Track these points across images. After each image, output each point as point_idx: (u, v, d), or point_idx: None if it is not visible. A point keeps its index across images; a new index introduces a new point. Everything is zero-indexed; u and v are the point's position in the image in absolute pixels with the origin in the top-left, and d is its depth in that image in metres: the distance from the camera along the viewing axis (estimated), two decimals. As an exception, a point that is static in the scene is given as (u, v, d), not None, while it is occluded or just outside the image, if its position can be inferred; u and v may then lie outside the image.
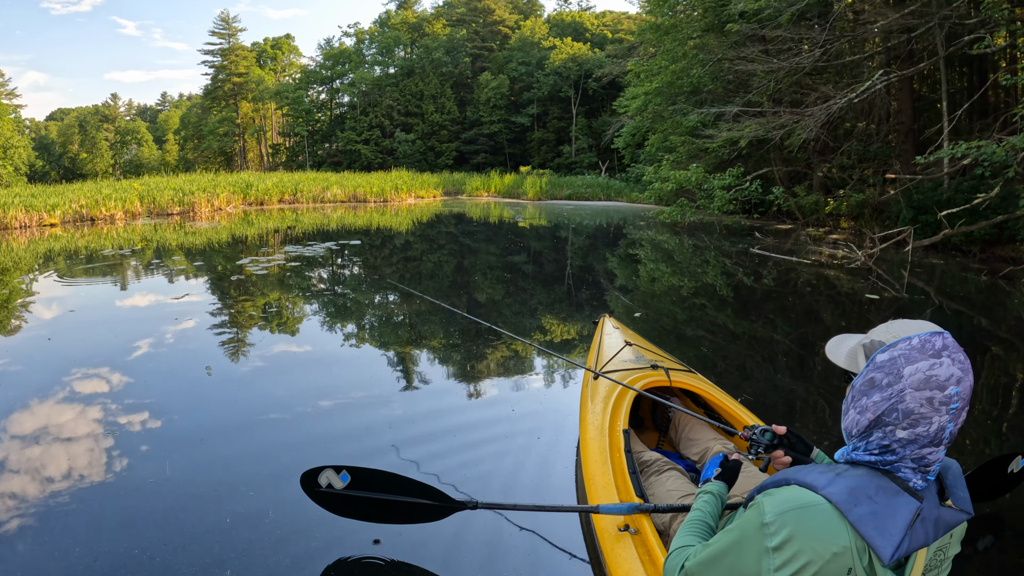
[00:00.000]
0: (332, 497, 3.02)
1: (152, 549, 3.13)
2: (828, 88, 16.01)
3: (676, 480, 2.95)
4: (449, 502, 2.99)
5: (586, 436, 3.38)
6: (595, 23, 63.07)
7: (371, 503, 3.00)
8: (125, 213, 23.50)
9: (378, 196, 32.52)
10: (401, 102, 57.54)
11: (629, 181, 36.52)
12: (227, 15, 66.21)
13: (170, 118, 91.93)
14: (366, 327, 8.03)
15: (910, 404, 1.40)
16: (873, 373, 1.47)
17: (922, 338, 1.42)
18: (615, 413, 3.40)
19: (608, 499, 2.82)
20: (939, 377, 1.38)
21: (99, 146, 78.77)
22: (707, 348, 6.91)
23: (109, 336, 7.15)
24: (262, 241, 16.60)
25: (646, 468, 3.14)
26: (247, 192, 28.98)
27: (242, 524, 3.36)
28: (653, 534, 2.51)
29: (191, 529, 3.31)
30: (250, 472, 3.94)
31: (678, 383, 3.72)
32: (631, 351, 4.22)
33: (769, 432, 2.12)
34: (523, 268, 12.93)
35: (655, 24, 22.84)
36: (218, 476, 3.89)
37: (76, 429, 4.57)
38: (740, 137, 16.85)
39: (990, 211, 12.73)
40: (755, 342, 7.26)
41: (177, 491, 3.71)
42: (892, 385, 1.42)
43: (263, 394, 5.35)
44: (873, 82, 13.72)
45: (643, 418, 4.17)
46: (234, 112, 64.45)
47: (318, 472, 2.99)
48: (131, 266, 12.39)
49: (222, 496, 3.65)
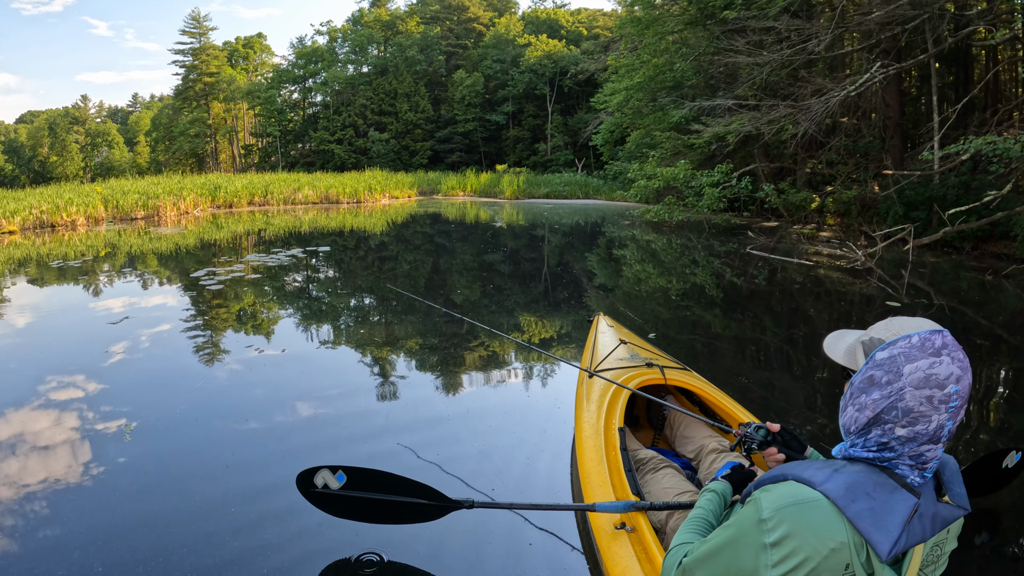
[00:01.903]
0: (328, 498, 2.96)
1: (145, 557, 3.04)
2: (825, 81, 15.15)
3: (672, 478, 2.92)
4: (445, 501, 2.93)
5: (582, 435, 3.36)
6: (570, 20, 62.28)
7: (367, 503, 2.94)
8: (87, 219, 22.22)
9: (351, 197, 31.32)
10: (375, 101, 56.02)
11: (607, 179, 35.55)
12: (198, 14, 64.41)
13: (141, 119, 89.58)
14: (356, 330, 7.78)
15: (909, 402, 1.38)
16: (873, 371, 1.45)
17: (922, 336, 1.40)
18: (610, 411, 3.37)
19: (604, 497, 2.78)
20: (939, 376, 1.37)
21: (69, 149, 76.63)
22: (706, 349, 6.64)
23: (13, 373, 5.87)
24: (225, 248, 15.22)
25: (642, 466, 3.10)
26: (215, 194, 27.62)
27: (238, 527, 3.30)
28: (649, 532, 2.49)
29: (183, 535, 3.22)
30: (246, 475, 3.88)
31: (673, 381, 3.68)
32: (626, 349, 4.18)
33: (763, 429, 2.06)
34: (514, 270, 12.11)
35: (636, 17, 21.81)
36: (210, 481, 3.83)
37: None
38: (729, 132, 15.85)
39: (994, 208, 12.17)
40: (753, 343, 7.09)
41: (170, 495, 3.65)
42: (892, 383, 1.40)
43: (255, 397, 5.29)
44: (872, 74, 12.85)
45: (638, 416, 4.09)
46: (205, 113, 62.60)
47: (314, 472, 2.93)
48: (75, 278, 10.94)
49: (216, 500, 3.58)
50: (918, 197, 14.73)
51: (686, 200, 18.74)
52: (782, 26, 14.89)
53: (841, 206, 17.56)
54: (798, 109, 14.02)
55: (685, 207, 18.77)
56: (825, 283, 10.51)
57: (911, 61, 13.90)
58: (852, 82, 13.29)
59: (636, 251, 14.98)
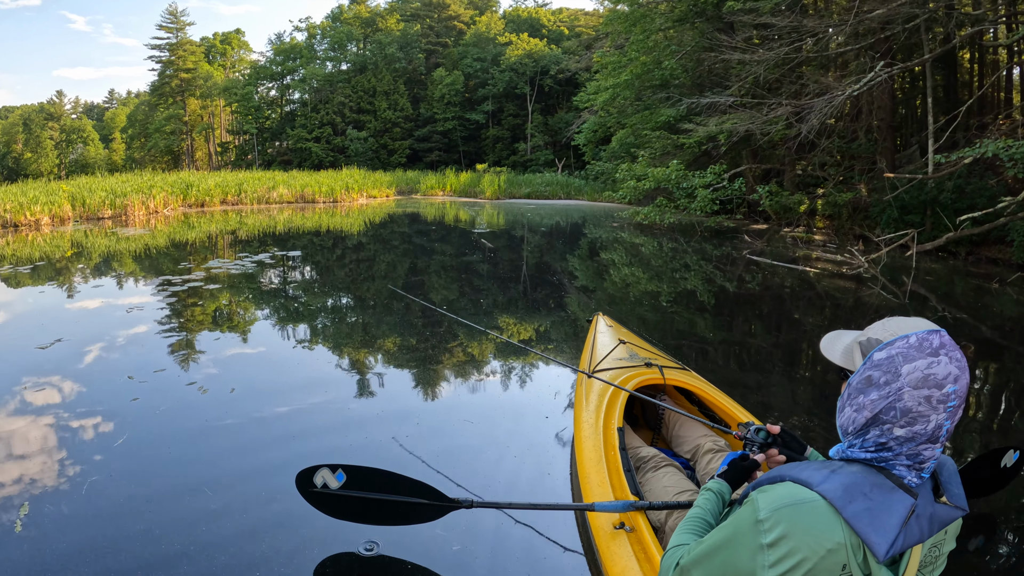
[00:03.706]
0: (327, 497, 2.89)
1: (138, 561, 2.93)
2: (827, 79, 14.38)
3: (672, 477, 2.87)
4: (445, 501, 2.87)
5: (581, 434, 3.30)
6: (551, 19, 61.16)
7: (367, 503, 2.86)
8: (52, 218, 20.84)
9: (327, 196, 30.01)
10: (353, 99, 54.50)
11: (589, 179, 34.68)
12: (175, 8, 62.42)
13: (117, 116, 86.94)
14: (359, 332, 7.60)
15: (908, 403, 1.34)
16: (870, 371, 1.40)
17: (919, 336, 1.36)
18: (609, 411, 3.32)
19: (603, 497, 2.72)
20: (937, 376, 1.32)
21: (44, 145, 74.16)
22: (710, 353, 6.48)
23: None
24: (192, 251, 13.97)
25: (642, 465, 3.05)
26: (187, 193, 26.15)
27: (237, 530, 3.22)
28: (648, 531, 2.44)
29: (179, 539, 3.10)
30: (245, 478, 3.78)
31: (672, 381, 3.65)
32: (625, 349, 4.12)
33: (763, 431, 1.98)
34: (508, 273, 11.32)
35: (623, 14, 20.93)
36: (209, 482, 3.68)
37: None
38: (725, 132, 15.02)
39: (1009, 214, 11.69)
40: (755, 348, 6.90)
41: (168, 497, 3.54)
42: (890, 383, 1.36)
43: (257, 398, 5.21)
44: (876, 73, 12.10)
45: (637, 416, 4.02)
46: (181, 109, 60.59)
47: (313, 472, 2.87)
48: (15, 286, 9.71)
49: (212, 503, 3.47)
50: (913, 200, 14.29)
51: (678, 202, 17.86)
52: (779, 22, 14.09)
53: (832, 209, 17.00)
54: (802, 107, 13.21)
55: (677, 209, 17.90)
56: (826, 289, 10.14)
57: (916, 60, 13.20)
58: (856, 80, 12.51)
59: (625, 255, 14.17)
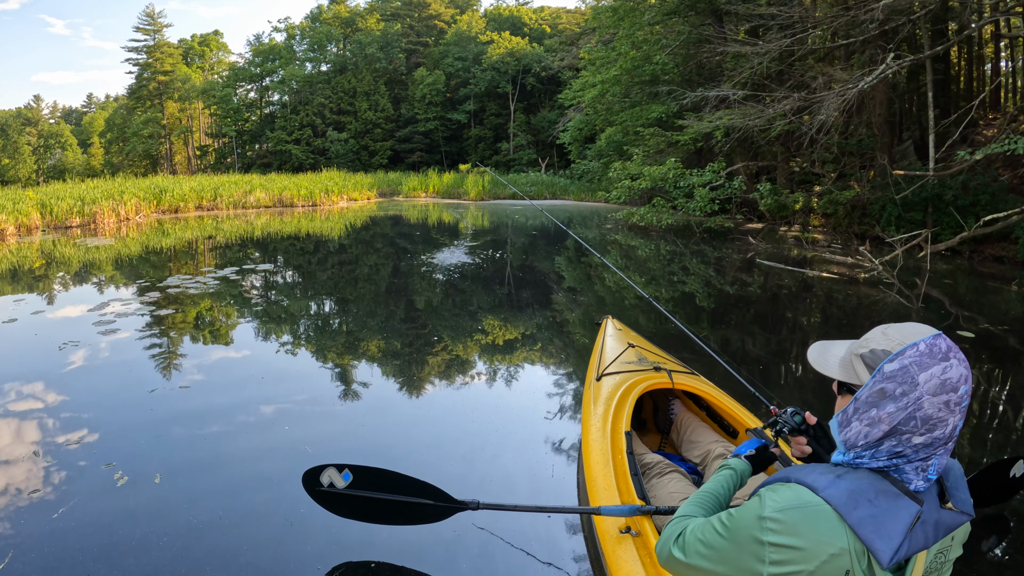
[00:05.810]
0: (334, 497, 2.86)
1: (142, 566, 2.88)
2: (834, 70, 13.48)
3: (678, 482, 2.84)
4: (451, 502, 2.83)
5: (588, 437, 3.20)
6: (533, 18, 60.07)
7: (373, 503, 2.83)
8: (19, 227, 19.45)
9: (307, 199, 28.68)
10: (333, 100, 53.00)
11: (574, 178, 33.62)
12: (152, 10, 60.51)
13: (95, 120, 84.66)
14: (365, 337, 7.37)
15: (928, 410, 1.28)
16: (883, 384, 1.32)
17: (928, 343, 1.30)
18: (617, 415, 3.23)
19: (609, 501, 2.67)
20: (952, 379, 1.28)
21: (21, 151, 72.00)
22: (718, 356, 5.73)
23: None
24: (149, 265, 12.71)
25: (648, 470, 2.99)
26: (160, 198, 24.74)
27: (238, 532, 3.17)
28: (654, 536, 2.40)
29: (186, 538, 3.09)
30: (248, 481, 3.69)
31: (680, 385, 3.54)
32: (634, 353, 4.02)
33: (800, 416, 1.80)
34: (510, 277, 10.40)
35: (611, 7, 19.88)
36: (221, 495, 3.52)
37: None
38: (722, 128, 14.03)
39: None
40: (763, 352, 6.70)
41: (171, 497, 3.48)
42: (908, 394, 1.29)
43: (260, 402, 5.05)
44: (888, 65, 11.23)
45: (645, 420, 3.96)
46: (159, 112, 58.63)
47: (320, 471, 2.83)
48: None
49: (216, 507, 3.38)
50: (915, 198, 13.52)
51: (675, 201, 16.82)
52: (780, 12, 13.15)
53: (831, 207, 16.13)
54: (811, 101, 12.27)
55: (674, 209, 16.87)
56: (837, 294, 9.59)
57: (927, 53, 12.31)
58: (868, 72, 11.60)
59: (630, 260, 13.15)
